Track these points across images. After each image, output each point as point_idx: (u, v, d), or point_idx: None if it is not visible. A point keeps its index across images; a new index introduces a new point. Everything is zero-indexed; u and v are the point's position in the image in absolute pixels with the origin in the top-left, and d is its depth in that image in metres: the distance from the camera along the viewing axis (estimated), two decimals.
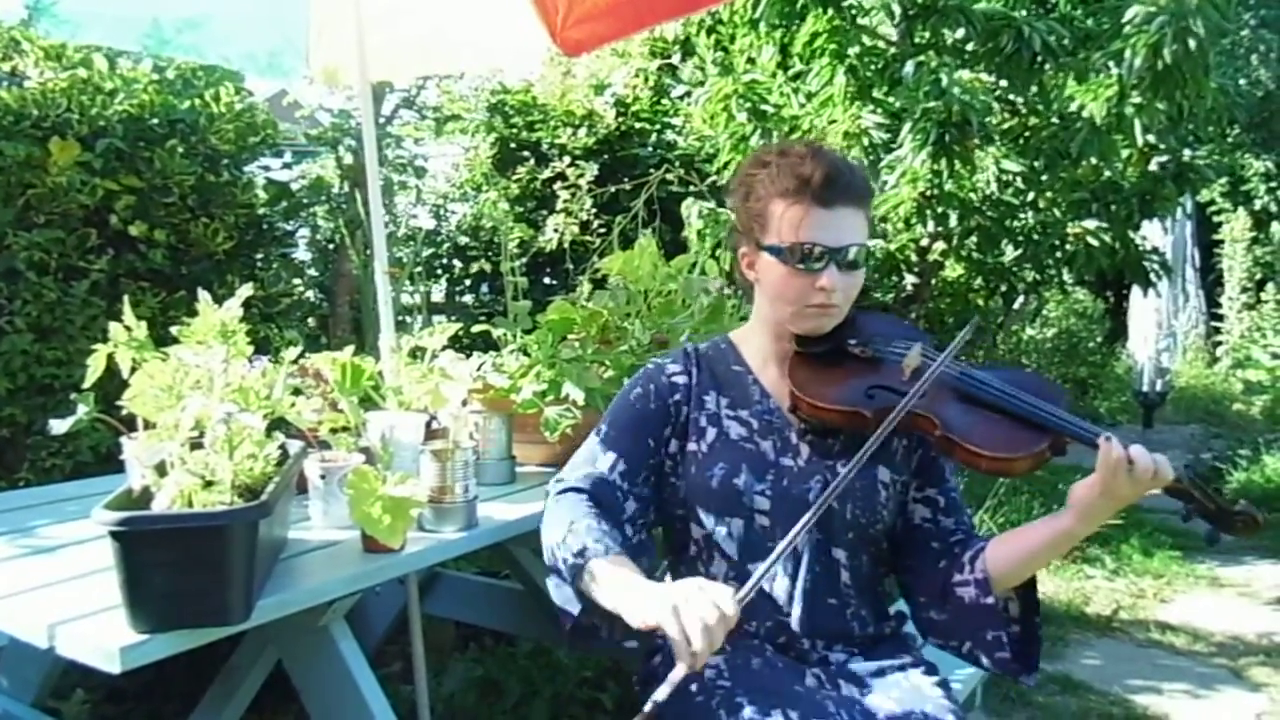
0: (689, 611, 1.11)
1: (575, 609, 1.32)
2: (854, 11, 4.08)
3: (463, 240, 5.06)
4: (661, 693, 1.12)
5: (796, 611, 1.41)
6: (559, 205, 4.70)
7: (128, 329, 1.28)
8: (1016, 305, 6.07)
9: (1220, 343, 10.63)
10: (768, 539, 1.41)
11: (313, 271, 4.26)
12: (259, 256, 3.33)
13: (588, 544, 1.28)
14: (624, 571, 1.25)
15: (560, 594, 1.35)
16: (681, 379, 1.49)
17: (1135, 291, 6.43)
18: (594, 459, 1.44)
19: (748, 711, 1.28)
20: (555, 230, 4.59)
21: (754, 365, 1.51)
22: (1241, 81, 8.99)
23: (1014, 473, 1.35)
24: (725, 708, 1.30)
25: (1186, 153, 4.16)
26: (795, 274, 1.38)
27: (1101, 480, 1.23)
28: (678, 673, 1.12)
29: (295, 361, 1.44)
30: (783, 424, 1.46)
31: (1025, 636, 1.41)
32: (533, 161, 4.97)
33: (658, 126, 5.21)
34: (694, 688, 1.36)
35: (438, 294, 5.05)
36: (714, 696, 1.33)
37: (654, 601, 1.15)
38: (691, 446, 1.46)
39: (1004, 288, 4.72)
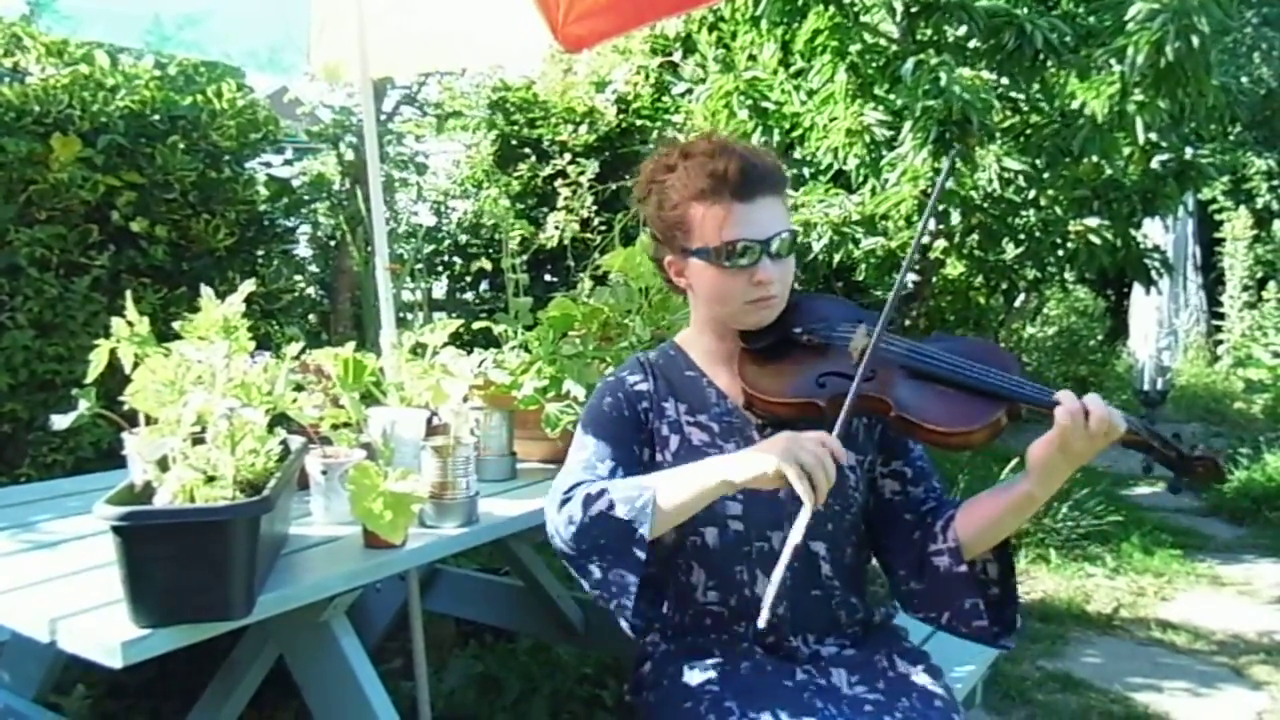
0: (806, 457, 1.18)
1: (643, 558, 1.25)
2: (855, 9, 4.08)
3: (464, 237, 5.06)
4: (789, 550, 1.20)
5: (780, 609, 1.40)
6: (560, 202, 4.69)
7: (130, 324, 1.27)
8: (1017, 303, 6.07)
9: (1221, 341, 10.61)
10: (743, 544, 1.40)
11: (314, 268, 4.26)
12: (260, 253, 3.33)
13: (637, 480, 1.30)
14: (703, 460, 1.31)
15: (615, 566, 1.27)
16: (644, 386, 1.46)
17: (1136, 290, 6.41)
18: (592, 467, 1.38)
19: (736, 715, 1.29)
20: (556, 227, 4.59)
21: (705, 368, 1.48)
22: (1243, 79, 8.98)
23: (973, 445, 1.31)
24: (714, 713, 1.31)
25: (1188, 151, 4.15)
26: (728, 274, 1.36)
27: (1059, 436, 1.22)
28: (804, 515, 1.19)
29: (297, 357, 1.44)
30: (742, 424, 1.44)
31: (1004, 599, 1.40)
32: (534, 158, 4.97)
33: (659, 124, 5.20)
34: (683, 694, 1.37)
35: (439, 291, 5.05)
36: (702, 703, 1.33)
37: (768, 456, 1.21)
38: (658, 458, 1.43)
39: (1005, 285, 4.72)
